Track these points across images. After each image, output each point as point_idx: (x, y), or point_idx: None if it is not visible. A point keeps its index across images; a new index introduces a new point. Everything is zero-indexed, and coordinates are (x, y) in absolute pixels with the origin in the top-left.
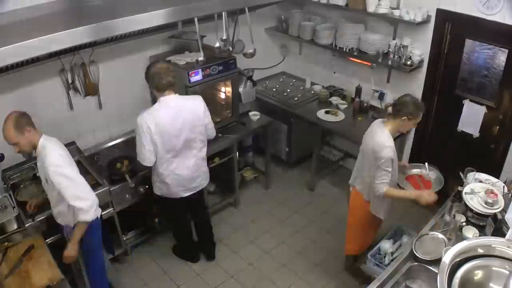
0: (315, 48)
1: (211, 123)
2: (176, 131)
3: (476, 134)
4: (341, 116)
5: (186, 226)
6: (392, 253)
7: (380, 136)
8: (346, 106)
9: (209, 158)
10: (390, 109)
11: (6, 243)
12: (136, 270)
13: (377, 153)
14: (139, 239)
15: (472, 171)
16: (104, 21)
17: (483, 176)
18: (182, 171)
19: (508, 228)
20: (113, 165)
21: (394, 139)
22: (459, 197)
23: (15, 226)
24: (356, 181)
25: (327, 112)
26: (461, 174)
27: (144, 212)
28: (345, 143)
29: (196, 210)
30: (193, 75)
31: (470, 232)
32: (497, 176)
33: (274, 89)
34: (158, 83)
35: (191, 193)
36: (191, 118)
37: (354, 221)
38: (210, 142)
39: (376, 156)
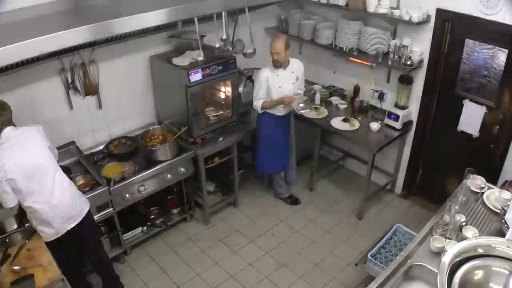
0: (315, 48)
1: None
2: (24, 165)
3: (476, 134)
4: (356, 124)
5: (81, 266)
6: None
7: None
8: (346, 106)
9: (209, 158)
10: None
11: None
12: (136, 270)
13: None
14: (139, 239)
15: (473, 172)
16: (104, 21)
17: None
18: (56, 199)
19: (508, 228)
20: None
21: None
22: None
23: (15, 226)
24: None
25: (344, 121)
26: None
27: (144, 212)
28: (345, 143)
29: (87, 243)
30: (193, 75)
31: (470, 232)
32: (497, 176)
33: None
34: None
35: (76, 222)
36: (35, 147)
37: None
38: (208, 142)
39: None
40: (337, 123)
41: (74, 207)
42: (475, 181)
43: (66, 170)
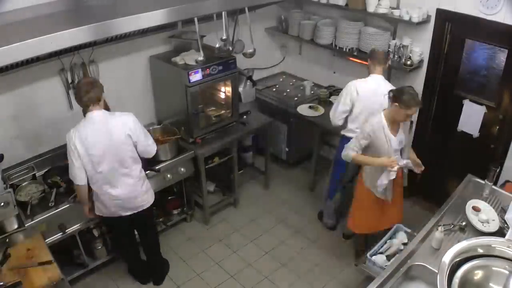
0: (315, 48)
1: (148, 139)
2: (102, 149)
3: (476, 134)
4: (321, 110)
5: (130, 246)
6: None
7: (372, 117)
8: None
9: (209, 158)
10: (391, 94)
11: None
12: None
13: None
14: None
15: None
16: (104, 21)
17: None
18: (116, 191)
19: (508, 228)
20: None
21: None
22: None
23: (15, 226)
24: None
25: (310, 108)
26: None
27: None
28: None
29: (141, 229)
30: (192, 74)
31: None
32: (497, 176)
33: (274, 89)
34: (81, 99)
35: (133, 212)
36: (118, 136)
37: (356, 195)
38: (208, 142)
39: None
40: (303, 109)
41: (133, 202)
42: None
43: (66, 170)
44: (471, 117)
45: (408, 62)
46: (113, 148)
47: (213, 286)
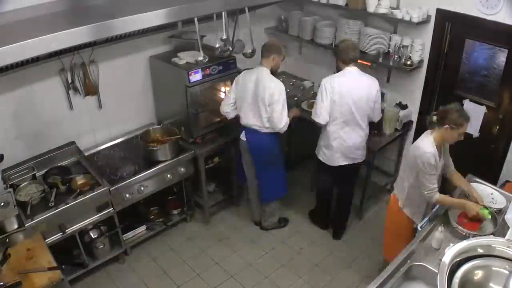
0: (315, 48)
1: (379, 106)
2: (352, 99)
3: (476, 134)
4: None
5: (327, 194)
6: None
7: (422, 143)
8: None
9: (209, 158)
10: (434, 118)
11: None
12: (136, 270)
13: (418, 158)
14: (139, 239)
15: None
16: (104, 21)
17: None
18: (349, 139)
19: (508, 228)
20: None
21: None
22: None
23: (15, 226)
24: (397, 187)
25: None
26: None
27: (144, 212)
28: None
29: (344, 180)
30: (192, 75)
31: None
32: (497, 176)
33: None
34: (344, 57)
35: (348, 162)
36: (365, 94)
37: (391, 227)
38: (209, 142)
39: (417, 162)
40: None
41: (355, 152)
42: None
43: (66, 170)
44: (471, 117)
45: (408, 62)
46: (361, 102)
47: (213, 286)
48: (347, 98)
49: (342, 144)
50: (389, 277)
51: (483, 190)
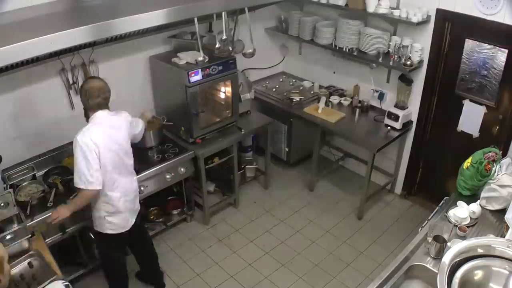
0: (315, 48)
1: (138, 126)
2: (113, 147)
3: (476, 134)
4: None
5: (123, 264)
6: None
7: None
8: (346, 105)
9: (209, 158)
10: None
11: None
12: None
13: None
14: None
15: None
16: (104, 21)
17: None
18: (129, 191)
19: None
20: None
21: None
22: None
23: (15, 226)
24: None
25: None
26: None
27: (144, 212)
28: (345, 143)
29: (139, 238)
30: (192, 75)
31: None
32: None
33: (274, 89)
34: (92, 103)
35: (134, 218)
36: (121, 134)
37: None
38: (208, 142)
39: None
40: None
41: (137, 201)
42: None
43: (66, 169)
44: (471, 117)
45: (408, 62)
46: (120, 145)
47: (213, 286)
48: (110, 148)
49: (126, 200)
50: (389, 277)
51: None
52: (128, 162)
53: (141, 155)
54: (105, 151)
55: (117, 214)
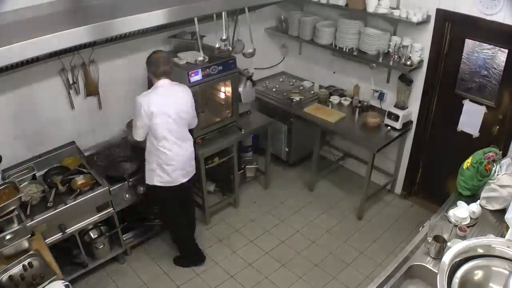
0: (315, 48)
1: (194, 111)
2: (169, 112)
3: (476, 134)
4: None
5: (184, 222)
6: None
7: None
8: (346, 105)
9: (209, 158)
10: None
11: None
12: (136, 270)
13: None
14: (139, 239)
15: None
16: (104, 21)
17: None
18: (183, 152)
19: (508, 228)
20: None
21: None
22: None
23: (15, 226)
24: None
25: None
26: None
27: (144, 212)
28: (345, 143)
29: (184, 200)
30: (193, 75)
31: None
32: None
33: (274, 89)
34: (155, 70)
35: (187, 179)
36: (182, 103)
37: None
38: (208, 142)
39: None
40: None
41: (191, 164)
42: None
43: (66, 169)
44: (471, 117)
45: (408, 62)
46: (182, 112)
47: (213, 286)
48: (169, 113)
49: (179, 160)
50: (389, 277)
51: None
52: (183, 128)
53: (142, 155)
54: (159, 114)
55: (166, 170)
